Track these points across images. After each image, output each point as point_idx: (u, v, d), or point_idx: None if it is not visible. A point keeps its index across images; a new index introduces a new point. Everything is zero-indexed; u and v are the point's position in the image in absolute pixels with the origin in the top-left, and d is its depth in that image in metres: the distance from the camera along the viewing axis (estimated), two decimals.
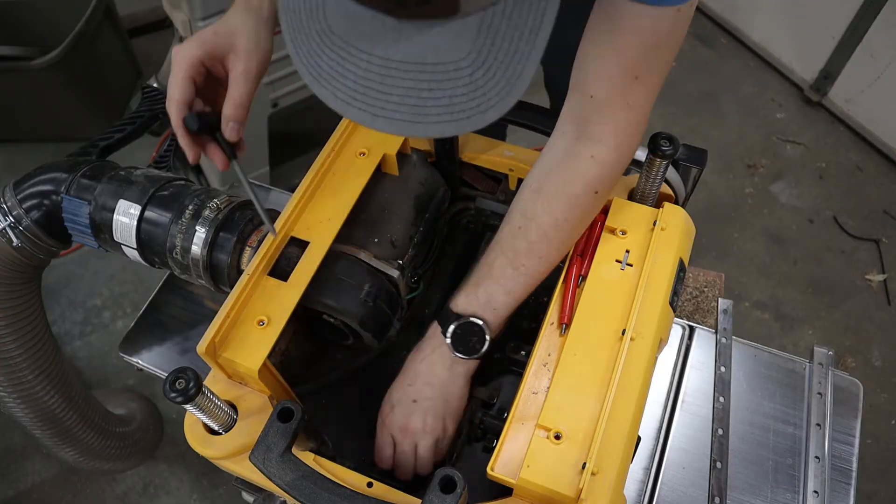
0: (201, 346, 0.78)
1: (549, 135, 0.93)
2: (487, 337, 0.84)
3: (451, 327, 0.84)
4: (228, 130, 0.82)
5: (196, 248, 0.92)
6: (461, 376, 0.86)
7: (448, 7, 0.49)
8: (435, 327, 0.87)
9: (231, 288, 0.86)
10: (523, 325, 0.98)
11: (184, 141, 0.82)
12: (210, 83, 0.84)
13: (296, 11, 0.54)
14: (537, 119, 0.94)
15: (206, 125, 0.82)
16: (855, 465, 1.03)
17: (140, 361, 1.17)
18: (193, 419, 0.81)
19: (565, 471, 0.71)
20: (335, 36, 0.53)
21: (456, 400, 0.85)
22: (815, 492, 0.99)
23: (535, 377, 0.80)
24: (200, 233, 0.91)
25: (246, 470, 0.78)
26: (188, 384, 0.68)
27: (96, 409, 1.46)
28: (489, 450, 0.88)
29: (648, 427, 1.05)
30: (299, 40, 0.55)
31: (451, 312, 0.86)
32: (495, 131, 1.15)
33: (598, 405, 0.75)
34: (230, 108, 0.81)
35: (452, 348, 0.84)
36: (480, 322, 0.84)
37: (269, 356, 0.79)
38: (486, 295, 0.84)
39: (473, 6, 0.50)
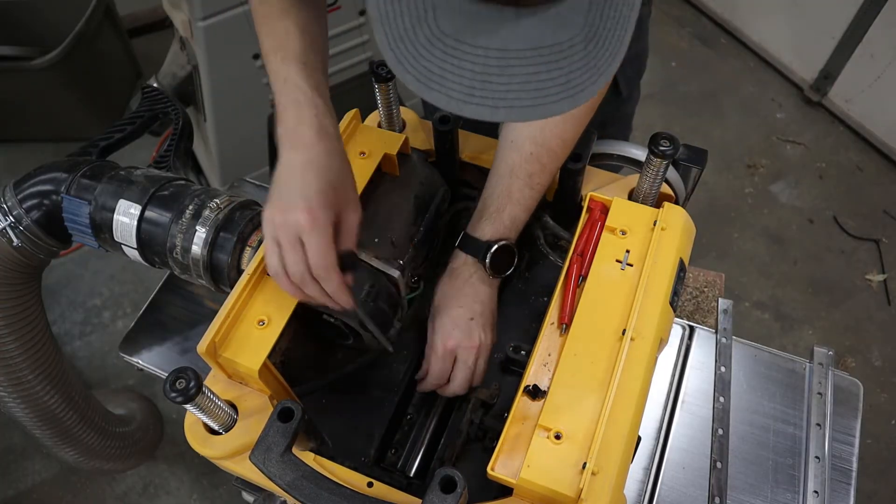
0: (201, 346, 0.78)
1: None
2: (515, 255, 0.94)
3: (489, 255, 0.91)
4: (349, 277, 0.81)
5: (196, 248, 0.92)
6: (496, 291, 0.96)
7: None
8: (461, 255, 0.94)
9: (231, 288, 0.86)
10: (523, 325, 0.98)
11: (345, 295, 0.80)
12: None
13: (396, 22, 0.55)
14: None
15: (351, 265, 0.82)
16: (855, 465, 1.03)
17: (140, 361, 1.17)
18: (193, 419, 0.81)
19: (565, 471, 0.71)
20: (447, 37, 0.54)
21: (495, 313, 0.95)
22: (815, 492, 0.99)
23: (534, 377, 0.80)
24: (200, 233, 0.91)
25: (246, 470, 0.78)
26: (188, 384, 0.68)
27: (96, 409, 1.46)
28: (489, 450, 0.88)
29: (648, 427, 1.05)
30: (402, 49, 0.55)
31: (481, 241, 0.92)
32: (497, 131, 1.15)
33: (598, 405, 0.75)
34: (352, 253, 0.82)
35: (492, 271, 0.92)
36: (509, 244, 0.93)
37: (269, 356, 0.79)
38: (511, 218, 0.92)
39: None
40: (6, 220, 0.98)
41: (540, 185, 0.92)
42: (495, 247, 0.91)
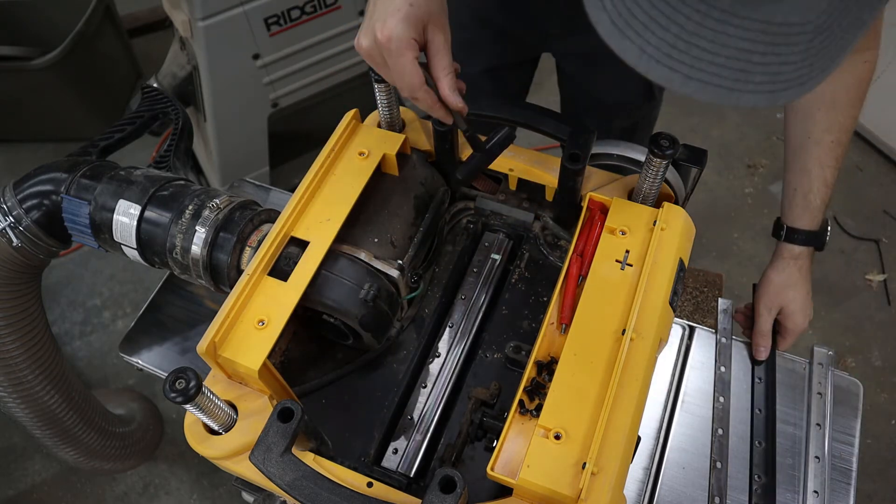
0: (201, 346, 0.78)
1: (555, 137, 0.93)
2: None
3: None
4: (455, 100, 0.78)
5: (196, 248, 0.92)
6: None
7: None
8: (795, 248, 1.08)
9: (231, 288, 0.86)
10: (523, 325, 0.98)
11: (442, 111, 0.80)
12: None
13: None
14: (543, 121, 0.94)
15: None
16: (855, 465, 1.03)
17: (140, 361, 1.17)
18: (193, 419, 0.81)
19: (565, 471, 0.71)
20: None
21: None
22: (815, 492, 0.99)
23: (535, 377, 0.80)
24: (200, 233, 0.92)
25: (246, 470, 0.78)
26: (188, 384, 0.68)
27: (96, 409, 1.47)
28: (489, 450, 0.88)
29: (648, 427, 1.05)
30: None
31: (819, 231, 1.07)
32: None
33: (598, 405, 0.75)
34: (449, 78, 0.77)
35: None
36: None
37: (269, 356, 0.79)
38: (823, 203, 1.06)
39: None
40: (6, 221, 0.98)
41: (838, 164, 1.03)
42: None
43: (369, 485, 0.78)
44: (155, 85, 1.94)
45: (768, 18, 0.45)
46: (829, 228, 1.10)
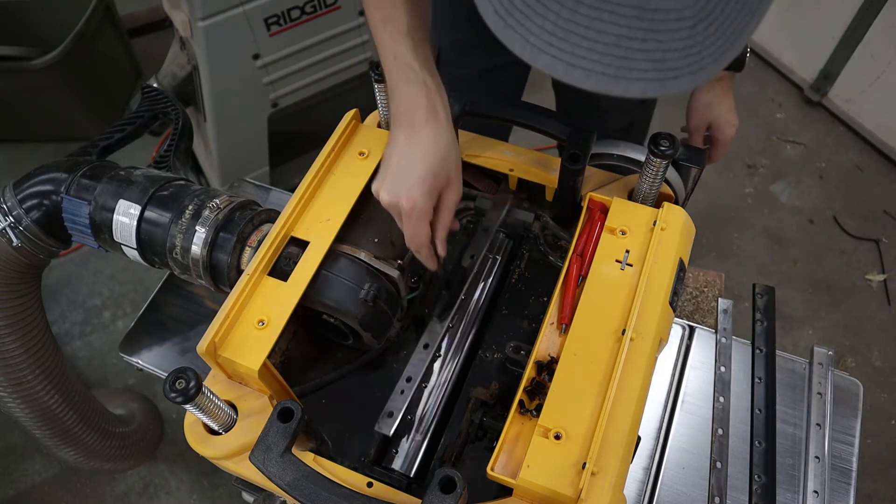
0: (201, 346, 0.78)
1: (555, 137, 0.93)
2: None
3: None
4: (443, 252, 0.88)
5: (196, 248, 0.92)
6: None
7: None
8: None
9: (231, 288, 0.86)
10: (523, 325, 0.98)
11: (433, 262, 0.89)
12: None
13: None
14: (543, 121, 0.94)
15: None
16: (855, 465, 1.03)
17: (140, 361, 1.18)
18: (193, 419, 0.81)
19: (565, 471, 0.71)
20: None
21: None
22: (815, 492, 0.99)
23: (535, 377, 0.80)
24: (200, 233, 0.92)
25: (246, 470, 0.78)
26: (188, 384, 0.68)
27: (96, 409, 1.47)
28: (489, 450, 0.88)
29: (648, 427, 1.05)
30: None
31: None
32: (498, 132, 1.15)
33: (598, 405, 0.75)
34: (445, 232, 0.86)
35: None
36: None
37: (269, 356, 0.79)
38: None
39: None
40: (6, 221, 0.98)
41: None
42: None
43: (369, 485, 0.78)
44: (155, 85, 1.94)
45: (641, 5, 0.45)
46: (748, 52, 1.12)
